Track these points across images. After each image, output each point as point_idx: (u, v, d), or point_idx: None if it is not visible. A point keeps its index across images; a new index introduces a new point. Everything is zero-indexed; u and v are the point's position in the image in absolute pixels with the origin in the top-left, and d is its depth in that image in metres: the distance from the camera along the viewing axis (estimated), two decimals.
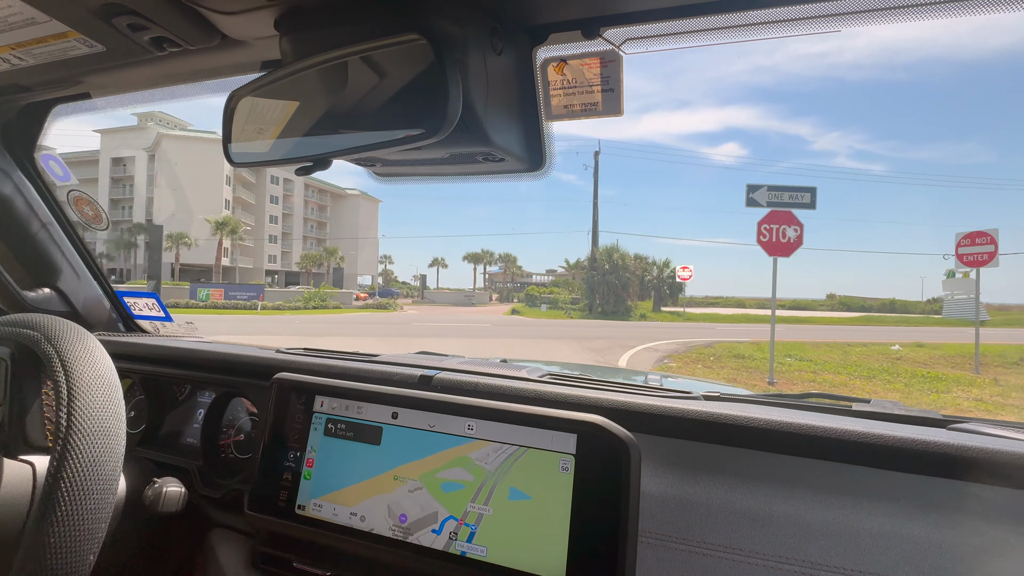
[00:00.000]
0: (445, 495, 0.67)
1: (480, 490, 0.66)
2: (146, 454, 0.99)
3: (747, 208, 8.40)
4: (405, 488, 0.69)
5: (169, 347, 1.12)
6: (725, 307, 46.50)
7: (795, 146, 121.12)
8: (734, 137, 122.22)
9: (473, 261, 64.89)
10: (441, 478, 0.68)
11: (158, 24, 0.67)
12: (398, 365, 0.94)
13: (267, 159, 0.66)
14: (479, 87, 0.59)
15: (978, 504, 0.59)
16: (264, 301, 27.04)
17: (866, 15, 0.57)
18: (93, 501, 0.49)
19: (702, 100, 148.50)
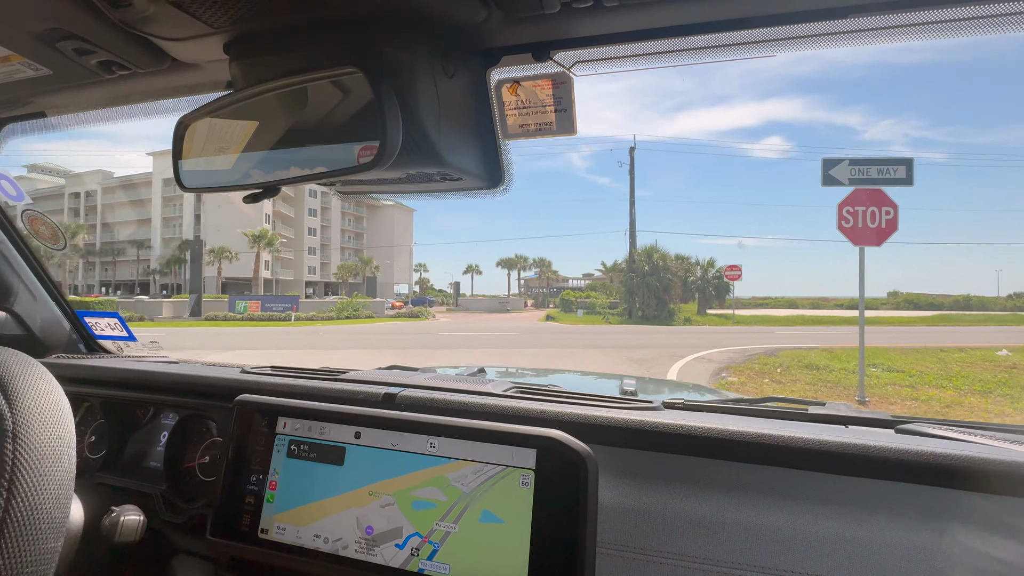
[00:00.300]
0: (415, 512, 0.68)
1: (451, 510, 0.67)
2: (107, 480, 0.98)
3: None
4: (378, 503, 0.69)
5: (131, 369, 1.11)
6: (775, 308, 43.33)
7: (844, 137, 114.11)
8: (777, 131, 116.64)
9: (507, 267, 63.98)
10: (414, 496, 0.69)
11: (104, 49, 0.67)
12: (363, 383, 0.95)
13: (217, 184, 0.66)
14: (431, 111, 0.60)
15: (916, 505, 0.62)
16: (298, 312, 26.82)
17: (799, 41, 0.62)
18: (39, 541, 0.48)
19: (741, 95, 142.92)
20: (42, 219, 1.22)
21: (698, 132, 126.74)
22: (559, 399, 0.85)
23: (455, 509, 0.67)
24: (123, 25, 0.60)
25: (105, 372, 1.11)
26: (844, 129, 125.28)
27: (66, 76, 0.76)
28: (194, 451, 1.00)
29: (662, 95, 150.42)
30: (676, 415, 0.77)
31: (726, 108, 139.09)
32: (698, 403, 0.90)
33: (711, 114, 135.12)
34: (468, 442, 0.68)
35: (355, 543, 0.69)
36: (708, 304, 30.58)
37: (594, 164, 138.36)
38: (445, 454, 0.69)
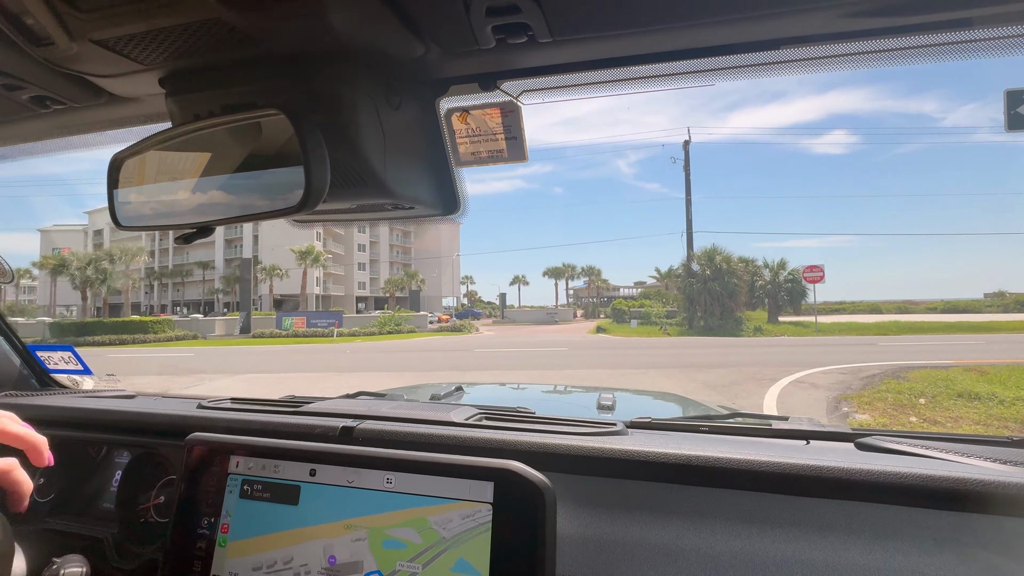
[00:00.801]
0: (383, 550, 0.66)
1: (423, 553, 0.64)
2: (57, 524, 0.95)
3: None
4: (350, 536, 0.67)
5: (82, 408, 1.09)
6: (854, 313, 38.31)
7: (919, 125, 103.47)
8: (840, 123, 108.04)
9: (554, 276, 61.86)
10: (388, 534, 0.66)
11: (34, 84, 0.67)
12: (323, 415, 0.93)
13: (152, 223, 0.65)
14: (374, 143, 0.60)
15: (871, 523, 0.63)
16: (340, 328, 26.01)
17: (734, 71, 0.65)
18: None
19: (798, 89, 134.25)
20: None
21: (753, 131, 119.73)
22: (522, 426, 0.86)
23: (428, 553, 0.64)
24: (48, 63, 0.59)
25: (55, 412, 1.09)
26: (918, 117, 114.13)
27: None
28: (148, 491, 0.97)
29: (711, 96, 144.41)
30: (638, 438, 0.77)
31: (782, 104, 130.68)
32: (664, 422, 0.90)
33: (766, 111, 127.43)
34: (425, 476, 0.66)
35: (317, 571, 0.67)
36: (779, 311, 26.91)
37: (642, 170, 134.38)
38: (403, 490, 0.67)
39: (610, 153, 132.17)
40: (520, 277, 71.62)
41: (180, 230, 0.65)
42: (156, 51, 0.56)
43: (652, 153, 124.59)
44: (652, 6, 0.54)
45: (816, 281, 21.09)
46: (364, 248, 62.33)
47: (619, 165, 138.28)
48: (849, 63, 0.63)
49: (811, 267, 21.05)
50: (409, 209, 0.70)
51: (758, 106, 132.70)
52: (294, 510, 0.70)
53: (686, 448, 0.73)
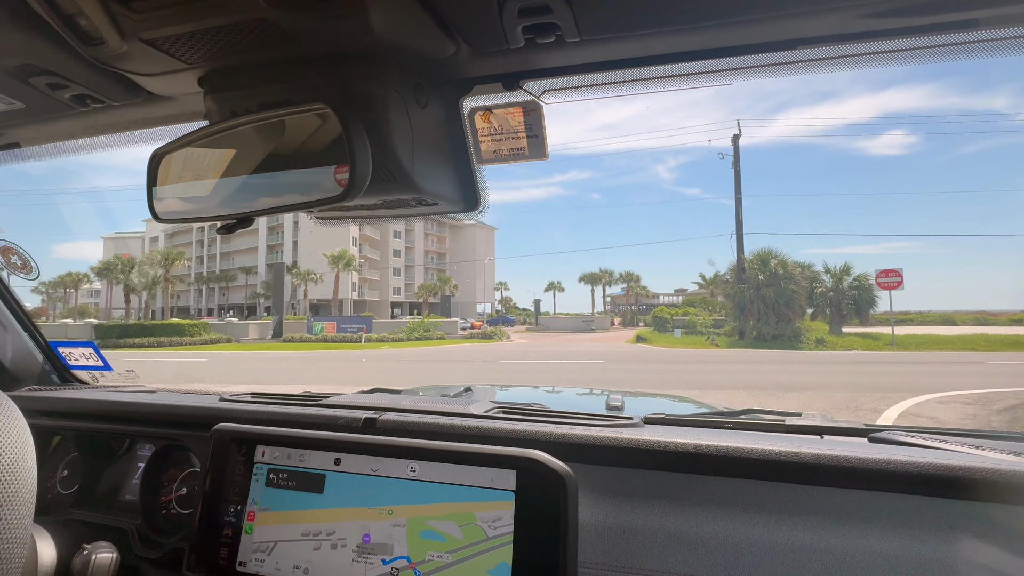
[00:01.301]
0: (419, 539, 0.67)
1: (461, 549, 0.65)
2: (81, 516, 0.98)
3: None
4: (390, 521, 0.69)
5: (104, 400, 1.12)
6: (924, 325, 34.19)
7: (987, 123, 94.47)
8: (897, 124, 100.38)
9: (591, 282, 59.80)
10: (429, 525, 0.68)
11: (78, 83, 0.69)
12: (344, 408, 0.96)
13: (191, 216, 0.68)
14: (404, 140, 0.63)
15: (887, 512, 0.64)
16: (368, 334, 25.12)
17: (753, 70, 0.67)
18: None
19: (851, 88, 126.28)
20: (14, 249, 1.24)
21: (802, 133, 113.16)
22: (540, 419, 0.87)
23: (467, 549, 0.65)
24: (96, 62, 0.61)
25: (78, 404, 1.12)
26: (987, 115, 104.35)
27: (39, 109, 0.78)
28: (171, 483, 0.99)
29: (756, 97, 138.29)
30: (655, 431, 0.79)
31: (833, 104, 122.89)
32: (678, 417, 0.92)
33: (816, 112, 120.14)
34: (448, 465, 0.68)
35: (353, 547, 0.69)
36: (843, 320, 23.96)
37: (682, 175, 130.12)
38: (426, 478, 0.69)
39: (648, 158, 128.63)
40: (555, 283, 69.83)
41: (219, 221, 0.66)
42: (200, 50, 0.59)
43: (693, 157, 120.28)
44: (677, 6, 0.56)
45: (893, 287, 18.43)
46: (400, 254, 62.45)
47: (658, 170, 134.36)
48: (869, 62, 0.64)
49: (886, 271, 18.40)
50: (432, 205, 0.72)
51: (808, 106, 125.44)
52: (319, 498, 0.72)
53: (704, 439, 0.74)
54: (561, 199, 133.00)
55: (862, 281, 24.17)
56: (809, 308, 25.30)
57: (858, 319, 24.53)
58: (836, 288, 24.61)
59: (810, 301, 24.88)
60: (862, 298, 24.13)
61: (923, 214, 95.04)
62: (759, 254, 23.85)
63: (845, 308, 24.33)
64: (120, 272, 33.78)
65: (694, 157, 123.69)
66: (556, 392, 2.20)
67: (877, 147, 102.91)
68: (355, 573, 0.68)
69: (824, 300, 24.90)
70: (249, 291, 57.94)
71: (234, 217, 0.65)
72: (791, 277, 23.05)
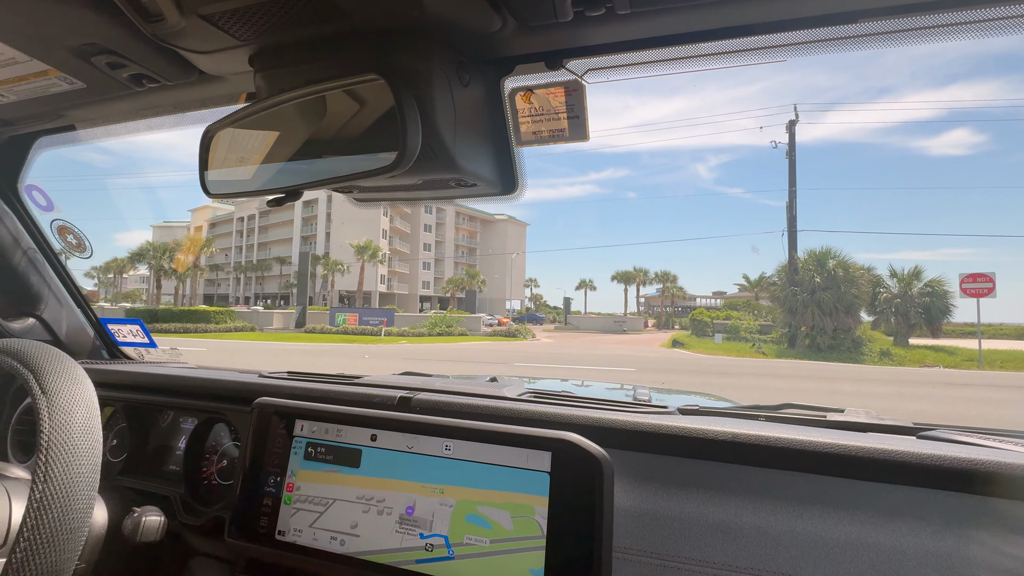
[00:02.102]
0: (463, 522, 0.68)
1: (510, 540, 0.65)
2: (128, 483, 1.03)
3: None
4: (438, 500, 0.70)
5: (151, 374, 1.16)
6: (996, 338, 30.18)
7: None
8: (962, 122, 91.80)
9: (624, 281, 57.29)
10: (479, 511, 0.68)
11: (136, 62, 0.72)
12: (379, 387, 0.98)
13: (241, 190, 0.70)
14: (446, 118, 0.63)
15: (941, 510, 0.62)
16: (389, 327, 24.05)
17: (809, 46, 0.64)
18: (66, 527, 0.52)
19: (910, 83, 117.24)
20: (70, 229, 1.27)
21: (855, 131, 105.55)
22: (573, 404, 0.86)
23: (517, 543, 0.64)
24: (155, 39, 0.64)
25: (127, 376, 1.16)
26: None
27: (98, 90, 0.80)
28: (212, 454, 1.03)
29: (805, 94, 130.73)
30: (691, 420, 0.77)
31: (890, 101, 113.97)
32: (714, 409, 0.89)
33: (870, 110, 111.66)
34: (483, 444, 0.69)
35: (396, 516, 0.71)
36: (910, 331, 21.01)
37: (724, 174, 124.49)
38: (460, 456, 0.70)
39: (688, 156, 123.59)
40: (587, 282, 67.61)
41: (270, 194, 0.68)
42: (253, 26, 0.61)
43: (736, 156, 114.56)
44: None
45: (982, 295, 15.72)
46: (430, 247, 61.79)
47: (698, 169, 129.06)
48: (934, 36, 0.61)
49: (974, 275, 15.69)
50: (471, 187, 0.72)
51: (861, 103, 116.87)
52: (355, 472, 0.74)
53: (745, 428, 0.73)
54: (596, 198, 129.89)
55: (936, 287, 21.31)
56: (869, 316, 22.41)
57: (929, 330, 21.49)
58: (904, 294, 21.64)
59: (872, 308, 22.01)
60: (935, 306, 21.27)
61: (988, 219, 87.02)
62: (816, 254, 21.34)
63: (914, 317, 21.35)
64: (152, 258, 34.40)
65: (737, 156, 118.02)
66: (584, 386, 1.91)
67: (938, 147, 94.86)
68: (393, 541, 0.70)
69: (889, 307, 21.96)
70: (283, 280, 58.65)
71: (283, 191, 0.67)
72: (853, 280, 20.34)
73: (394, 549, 0.70)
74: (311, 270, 29.42)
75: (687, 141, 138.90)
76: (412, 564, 0.68)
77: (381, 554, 0.70)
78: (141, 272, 58.13)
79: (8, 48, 0.69)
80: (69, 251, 1.25)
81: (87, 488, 0.53)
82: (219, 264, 68.07)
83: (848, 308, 20.25)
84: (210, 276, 68.11)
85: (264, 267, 60.55)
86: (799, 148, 22.90)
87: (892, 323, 22.18)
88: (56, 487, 0.51)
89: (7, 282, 1.18)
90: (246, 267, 62.11)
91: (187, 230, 66.66)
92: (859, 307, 20.78)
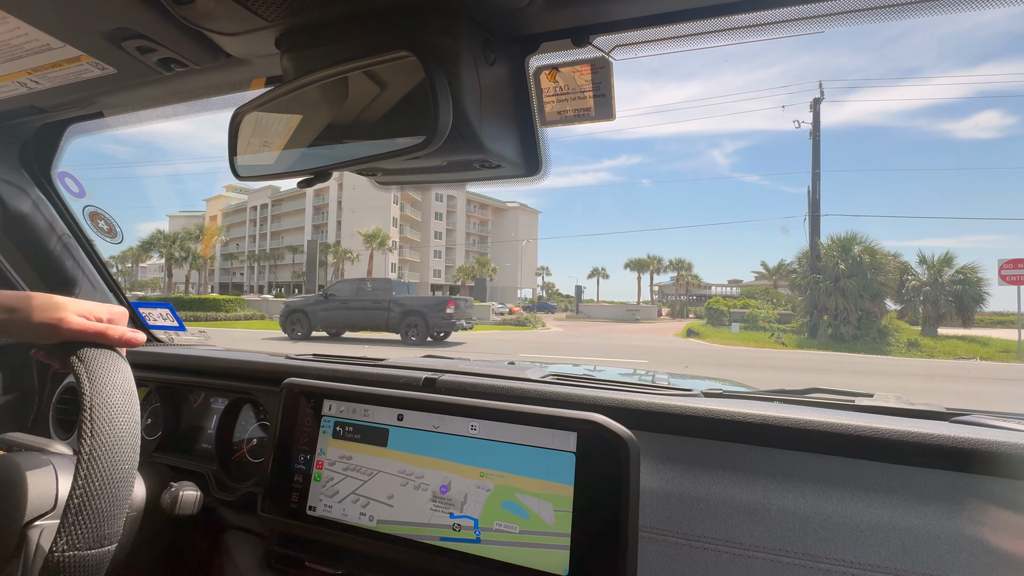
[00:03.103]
0: (497, 507, 0.68)
1: (539, 534, 0.65)
2: (163, 460, 1.06)
3: None
4: (475, 482, 0.71)
5: (183, 355, 1.18)
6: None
7: None
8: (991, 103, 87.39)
9: (637, 269, 56.22)
10: (518, 498, 0.68)
11: (165, 46, 0.72)
12: (404, 368, 0.99)
13: (271, 172, 0.70)
14: (472, 97, 0.63)
15: (975, 494, 0.62)
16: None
17: (848, 15, 0.62)
18: (111, 497, 0.55)
19: (938, 63, 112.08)
20: (101, 215, 1.30)
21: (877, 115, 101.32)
22: (597, 386, 0.86)
23: (551, 537, 0.64)
24: (185, 22, 0.65)
25: (160, 358, 1.19)
26: None
27: (128, 75, 0.81)
28: (243, 433, 1.06)
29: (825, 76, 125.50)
30: (718, 402, 0.77)
31: (917, 82, 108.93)
32: (738, 392, 0.90)
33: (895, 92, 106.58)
34: (508, 425, 0.70)
35: (431, 492, 0.72)
36: (939, 320, 19.86)
37: (740, 160, 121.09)
38: (486, 436, 0.71)
39: (704, 143, 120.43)
40: (599, 270, 66.60)
41: (299, 176, 0.68)
42: (282, 7, 0.62)
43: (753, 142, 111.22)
44: None
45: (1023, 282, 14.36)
46: (440, 235, 61.18)
47: (714, 155, 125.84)
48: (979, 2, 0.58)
49: (1015, 261, 14.45)
50: (495, 168, 0.72)
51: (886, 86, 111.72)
52: (382, 451, 0.76)
53: (773, 411, 0.72)
54: (610, 185, 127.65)
55: (968, 274, 20.08)
56: (896, 304, 21.23)
57: (960, 319, 20.28)
58: (934, 282, 20.42)
59: (899, 296, 20.83)
60: (967, 294, 20.04)
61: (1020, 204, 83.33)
62: (840, 239, 20.22)
63: (944, 305, 20.14)
64: (162, 246, 34.50)
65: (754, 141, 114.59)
66: (599, 371, 1.88)
67: (966, 130, 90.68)
68: (423, 515, 0.72)
69: (917, 296, 20.77)
70: (296, 269, 58.79)
71: (311, 172, 0.67)
72: (880, 267, 19.21)
73: (422, 524, 0.71)
74: (321, 259, 29.12)
75: (703, 126, 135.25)
76: (437, 541, 0.70)
77: (409, 527, 0.72)
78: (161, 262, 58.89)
79: (42, 34, 0.70)
80: (101, 236, 1.29)
81: (129, 462, 0.57)
82: (233, 253, 68.41)
83: (875, 296, 19.14)
84: (225, 265, 68.55)
85: (277, 256, 60.85)
86: (822, 131, 21.56)
87: (920, 312, 20.98)
88: (101, 460, 0.54)
89: (45, 266, 1.22)
90: (260, 256, 62.42)
91: (203, 219, 67.08)
92: (885, 295, 19.64)
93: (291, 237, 62.33)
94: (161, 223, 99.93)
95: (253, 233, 66.07)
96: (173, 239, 34.97)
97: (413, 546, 0.71)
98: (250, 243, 66.13)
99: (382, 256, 44.73)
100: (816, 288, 20.16)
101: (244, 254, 65.11)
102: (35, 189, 1.19)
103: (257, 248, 65.13)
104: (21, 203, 1.16)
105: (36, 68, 0.80)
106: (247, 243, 66.43)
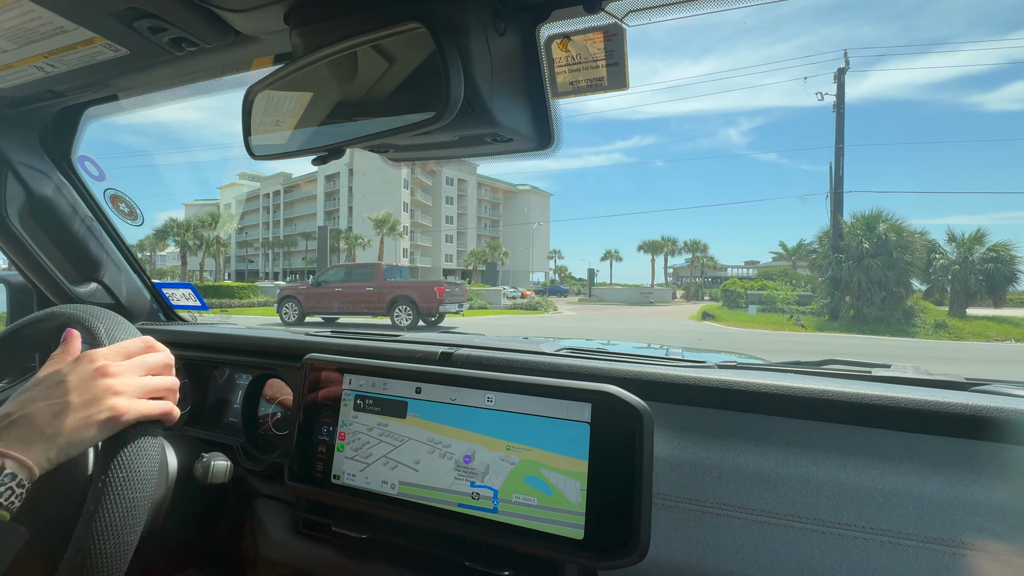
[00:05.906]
0: (519, 481, 0.70)
1: (558, 511, 0.66)
2: (193, 433, 1.09)
3: None
4: (500, 455, 0.72)
5: (207, 333, 1.21)
6: None
7: None
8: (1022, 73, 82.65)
9: (651, 251, 55.59)
10: (542, 473, 0.69)
11: (175, 25, 0.73)
12: (421, 344, 1.01)
13: (285, 151, 0.71)
14: (483, 69, 0.62)
15: (993, 462, 0.61)
16: None
17: None
18: (137, 469, 0.56)
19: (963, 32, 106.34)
20: (122, 197, 1.33)
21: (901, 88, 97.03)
22: (610, 358, 0.87)
23: (566, 515, 0.66)
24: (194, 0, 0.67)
25: (185, 336, 1.21)
26: None
27: (140, 56, 0.82)
28: (267, 407, 1.09)
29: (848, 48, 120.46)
30: (732, 373, 0.77)
31: (941, 54, 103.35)
32: (753, 364, 0.91)
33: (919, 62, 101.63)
34: (524, 396, 0.72)
35: (455, 461, 0.74)
36: (969, 300, 19.20)
37: (757, 138, 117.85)
38: (503, 408, 0.73)
39: (719, 121, 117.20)
40: (613, 252, 65.98)
41: (312, 153, 0.69)
42: None
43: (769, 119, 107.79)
44: None
45: None
46: (452, 220, 60.96)
47: (730, 134, 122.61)
48: None
49: None
50: (507, 142, 0.71)
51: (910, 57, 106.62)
52: (402, 422, 0.79)
53: (788, 382, 0.72)
54: (623, 166, 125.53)
55: (1001, 252, 19.26)
56: (922, 284, 20.54)
57: (991, 299, 19.57)
58: (963, 260, 19.67)
59: (926, 276, 20.14)
60: (999, 273, 19.26)
61: None
62: (864, 217, 19.52)
63: (974, 285, 19.43)
64: (176, 234, 34.93)
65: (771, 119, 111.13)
66: (612, 344, 1.88)
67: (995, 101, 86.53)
68: (445, 482, 0.74)
69: (945, 275, 20.06)
70: (308, 256, 59.25)
71: (324, 150, 0.67)
72: (906, 246, 18.53)
73: (443, 490, 0.74)
74: (333, 245, 29.21)
75: (718, 103, 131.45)
76: (455, 507, 0.73)
77: (431, 491, 0.75)
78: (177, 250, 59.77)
79: (56, 16, 0.72)
80: (122, 219, 1.31)
81: (153, 435, 0.59)
82: (248, 240, 69.08)
83: (900, 276, 18.52)
84: (241, 252, 69.33)
85: (290, 243, 61.38)
86: (845, 105, 20.61)
87: (948, 292, 20.26)
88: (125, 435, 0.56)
89: (70, 249, 1.24)
90: (273, 243, 62.97)
91: (217, 207, 67.74)
92: (912, 275, 18.99)
93: (303, 224, 62.71)
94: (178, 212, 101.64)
95: (267, 220, 66.64)
96: (187, 227, 35.40)
97: (432, 512, 0.74)
98: (263, 230, 66.76)
99: (393, 241, 44.81)
100: (838, 268, 19.58)
101: (259, 241, 65.76)
102: (57, 173, 1.21)
103: (271, 235, 65.73)
104: (44, 187, 1.19)
105: (51, 52, 0.82)
106: (260, 230, 67.06)
